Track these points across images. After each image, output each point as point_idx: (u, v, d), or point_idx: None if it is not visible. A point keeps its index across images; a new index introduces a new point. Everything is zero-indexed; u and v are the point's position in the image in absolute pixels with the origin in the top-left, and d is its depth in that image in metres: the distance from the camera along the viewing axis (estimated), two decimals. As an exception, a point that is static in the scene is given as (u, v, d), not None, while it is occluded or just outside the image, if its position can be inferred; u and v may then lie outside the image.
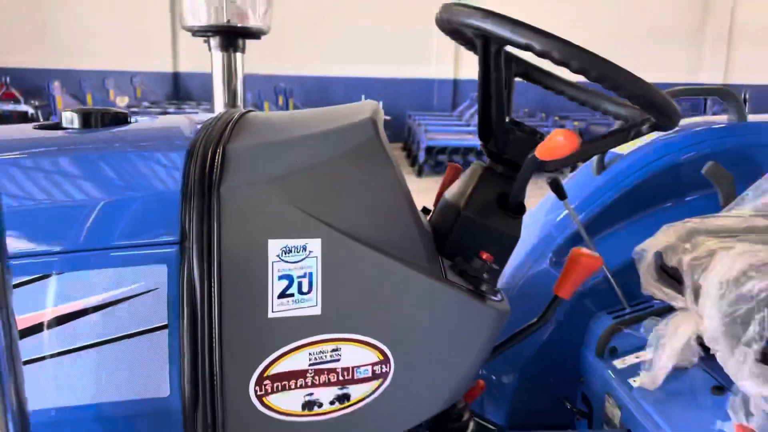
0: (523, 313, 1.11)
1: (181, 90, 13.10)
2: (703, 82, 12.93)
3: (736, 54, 13.39)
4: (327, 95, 11.69)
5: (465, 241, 0.96)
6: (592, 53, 0.87)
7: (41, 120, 4.68)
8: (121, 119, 0.94)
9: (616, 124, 1.13)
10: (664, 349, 1.19)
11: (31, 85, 10.22)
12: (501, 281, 1.43)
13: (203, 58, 1.59)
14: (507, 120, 1.01)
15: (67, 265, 0.74)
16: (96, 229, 0.75)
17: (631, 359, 1.38)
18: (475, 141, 8.77)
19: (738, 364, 1.01)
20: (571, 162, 1.01)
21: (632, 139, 1.00)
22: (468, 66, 13.38)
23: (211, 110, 1.36)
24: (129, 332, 0.74)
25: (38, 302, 0.73)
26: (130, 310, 0.74)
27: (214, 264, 0.74)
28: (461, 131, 9.26)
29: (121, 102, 9.38)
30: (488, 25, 0.89)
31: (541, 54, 0.85)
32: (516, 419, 1.58)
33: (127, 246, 0.75)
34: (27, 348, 0.70)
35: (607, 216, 1.56)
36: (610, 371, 1.38)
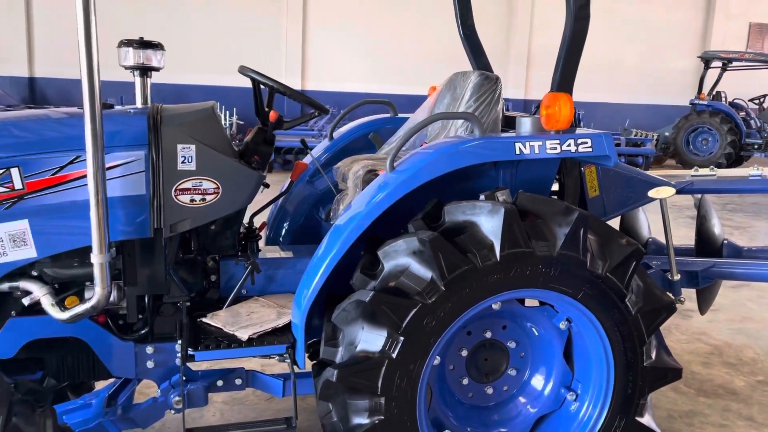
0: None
1: (37, 94, 13.53)
2: (509, 97, 15.75)
3: (533, 73, 16.38)
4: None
5: (250, 152, 2.60)
6: (286, 86, 2.56)
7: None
8: (107, 106, 2.45)
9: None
10: (339, 205, 2.89)
11: None
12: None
13: (59, 65, 2.90)
14: (266, 110, 2.66)
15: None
16: (126, 137, 2.30)
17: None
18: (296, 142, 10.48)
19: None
20: (294, 125, 2.71)
21: (313, 117, 2.71)
22: (314, 79, 15.16)
23: (135, 104, 2.86)
24: (134, 171, 2.29)
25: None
26: (132, 165, 2.29)
27: (160, 150, 2.30)
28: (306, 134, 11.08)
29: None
30: (262, 79, 2.55)
31: (271, 89, 2.54)
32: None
33: (134, 145, 2.30)
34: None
35: (334, 160, 3.26)
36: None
